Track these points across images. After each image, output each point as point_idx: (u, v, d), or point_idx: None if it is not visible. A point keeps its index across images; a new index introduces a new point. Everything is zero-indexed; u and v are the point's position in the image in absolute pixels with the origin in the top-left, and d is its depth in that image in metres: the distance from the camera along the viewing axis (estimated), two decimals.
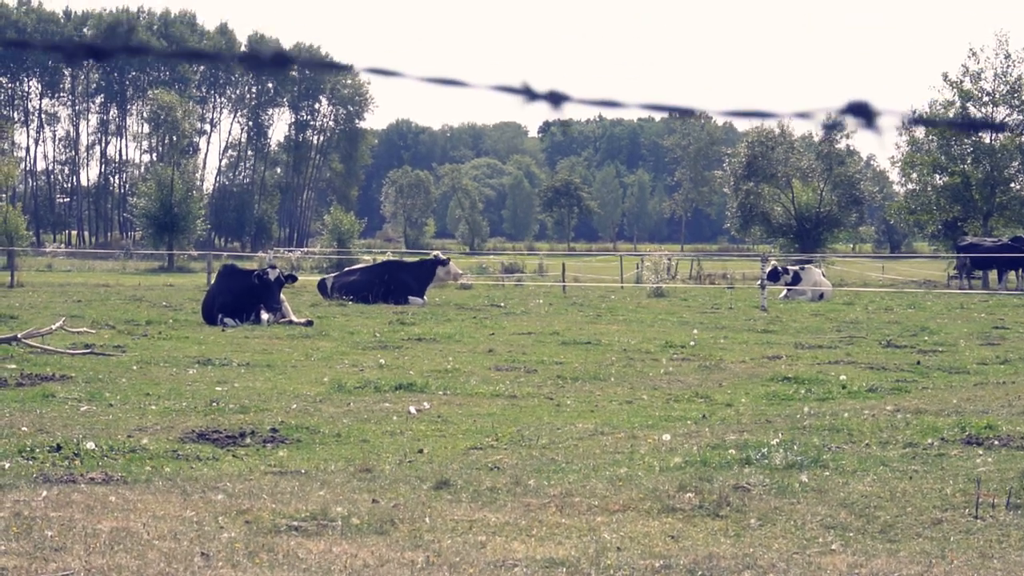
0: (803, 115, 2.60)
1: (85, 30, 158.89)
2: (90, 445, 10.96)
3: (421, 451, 11.45)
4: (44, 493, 8.83)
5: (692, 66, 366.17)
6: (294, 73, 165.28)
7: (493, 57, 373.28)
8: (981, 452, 11.08)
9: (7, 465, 10.14)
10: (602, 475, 9.93)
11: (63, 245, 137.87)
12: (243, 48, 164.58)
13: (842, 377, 17.49)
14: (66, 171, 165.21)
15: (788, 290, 42.72)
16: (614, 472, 10.04)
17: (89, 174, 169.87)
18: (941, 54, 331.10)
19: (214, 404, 14.12)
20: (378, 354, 20.82)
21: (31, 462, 10.42)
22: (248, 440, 11.82)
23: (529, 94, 2.61)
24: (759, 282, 39.55)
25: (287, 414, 13.42)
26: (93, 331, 23.28)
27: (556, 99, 2.59)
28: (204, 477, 9.86)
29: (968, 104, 71.42)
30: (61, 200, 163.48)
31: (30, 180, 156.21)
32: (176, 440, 11.72)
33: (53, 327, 20.92)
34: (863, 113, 2.40)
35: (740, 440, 11.55)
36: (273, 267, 28.77)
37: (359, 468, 10.28)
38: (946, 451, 11.16)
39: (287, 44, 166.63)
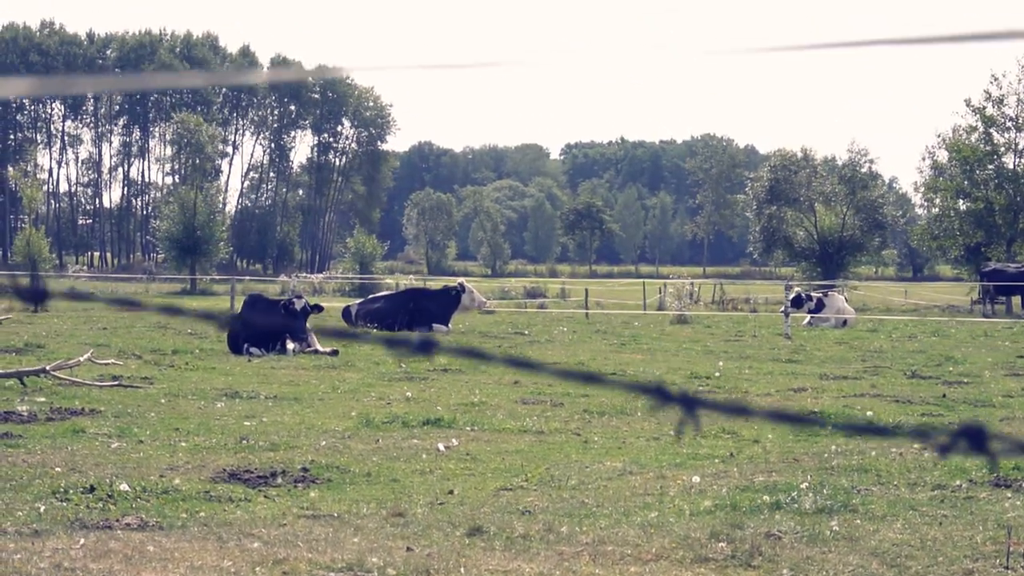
0: (921, 435, 2.70)
1: (108, 52, 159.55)
2: (123, 487, 11.01)
3: (452, 492, 11.47)
4: (82, 541, 8.89)
5: (711, 88, 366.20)
6: (316, 95, 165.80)
7: (512, 75, 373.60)
8: (1010, 495, 11.09)
9: (43, 508, 10.21)
10: (633, 521, 9.97)
11: (85, 267, 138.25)
12: (266, 69, 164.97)
13: (868, 412, 17.49)
14: (89, 193, 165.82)
15: (811, 317, 42.71)
16: (645, 517, 10.08)
17: (112, 196, 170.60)
18: (964, 78, 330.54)
19: (244, 441, 14.16)
20: (404, 386, 20.86)
21: (65, 504, 10.48)
22: (279, 480, 11.86)
23: (662, 395, 2.69)
24: (782, 309, 39.55)
25: (317, 452, 13.47)
26: (120, 363, 23.38)
27: (689, 403, 2.67)
28: (238, 522, 9.91)
29: (991, 130, 71.45)
30: (83, 222, 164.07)
31: (53, 202, 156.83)
32: (208, 480, 11.78)
33: (81, 359, 21.02)
34: (976, 438, 2.47)
35: (769, 482, 11.58)
36: (300, 297, 28.88)
37: (391, 512, 10.32)
38: (975, 494, 11.17)
39: (309, 66, 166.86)
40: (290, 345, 27.15)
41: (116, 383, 19.83)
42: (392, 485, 11.81)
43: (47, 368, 19.93)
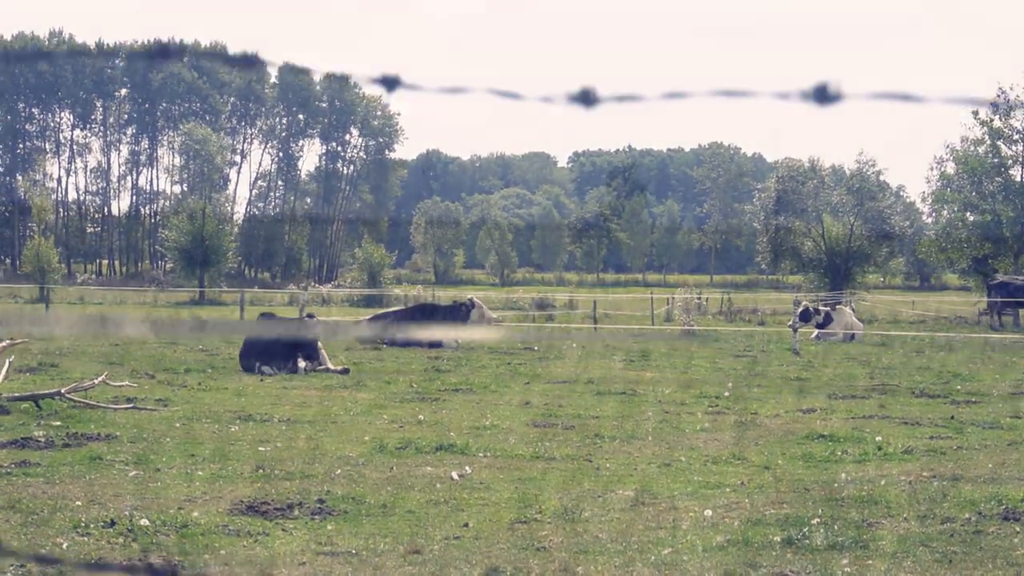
0: None
1: (117, 61, 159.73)
2: (143, 521, 11.13)
3: (467, 525, 11.57)
4: None
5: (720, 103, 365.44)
6: (324, 104, 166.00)
7: (521, 82, 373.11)
8: (1019, 529, 11.20)
9: (65, 544, 10.34)
10: (648, 559, 10.08)
11: (94, 275, 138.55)
12: (273, 79, 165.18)
13: (878, 438, 17.52)
14: (97, 201, 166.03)
15: (819, 332, 42.81)
16: (659, 555, 10.19)
17: (120, 204, 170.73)
18: (970, 89, 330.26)
19: (260, 470, 14.25)
20: (416, 407, 20.97)
21: (86, 538, 10.61)
22: (296, 512, 11.97)
23: None
24: (791, 323, 39.68)
25: (332, 481, 13.58)
26: (134, 384, 23.48)
27: None
28: (258, 559, 10.03)
29: (998, 142, 71.57)
30: (92, 230, 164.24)
31: (61, 210, 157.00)
32: (226, 512, 11.89)
33: (96, 381, 21.17)
34: None
35: (780, 515, 11.69)
36: (311, 316, 29.06)
37: (408, 549, 10.43)
38: (984, 528, 11.28)
39: (318, 75, 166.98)
40: (301, 363, 27.31)
41: (131, 406, 19.97)
42: (408, 517, 11.91)
43: (62, 391, 20.08)
